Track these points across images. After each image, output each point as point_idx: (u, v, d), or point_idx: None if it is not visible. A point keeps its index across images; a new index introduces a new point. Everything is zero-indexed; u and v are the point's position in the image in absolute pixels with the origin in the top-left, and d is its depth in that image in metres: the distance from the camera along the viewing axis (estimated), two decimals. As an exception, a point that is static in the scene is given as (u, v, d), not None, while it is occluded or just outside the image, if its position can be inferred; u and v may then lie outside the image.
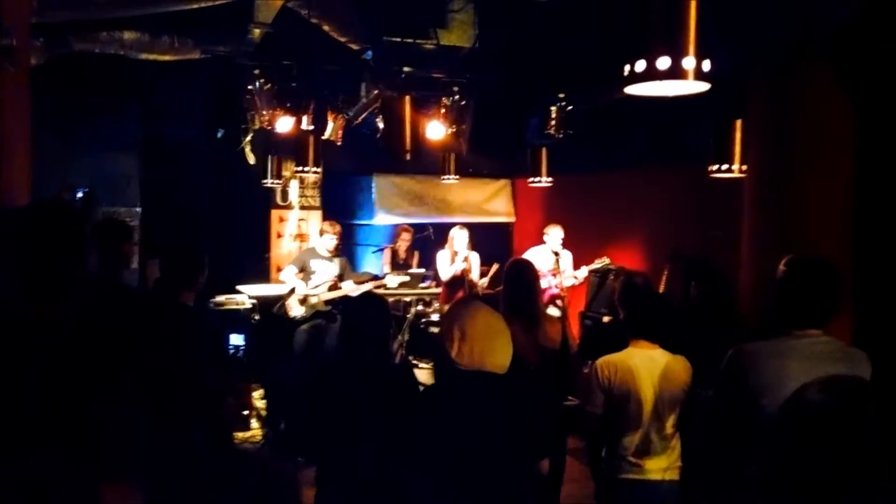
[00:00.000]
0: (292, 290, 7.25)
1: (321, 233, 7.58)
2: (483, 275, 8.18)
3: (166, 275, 3.51)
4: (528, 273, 4.27)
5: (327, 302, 7.24)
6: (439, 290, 8.07)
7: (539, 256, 7.65)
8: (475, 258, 8.02)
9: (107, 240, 3.57)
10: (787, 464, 1.43)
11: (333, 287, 7.29)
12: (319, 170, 7.90)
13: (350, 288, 7.35)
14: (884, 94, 4.44)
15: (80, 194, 7.60)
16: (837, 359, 2.68)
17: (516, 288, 4.19)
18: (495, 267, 8.12)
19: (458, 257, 7.79)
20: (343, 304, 7.18)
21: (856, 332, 4.29)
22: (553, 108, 6.89)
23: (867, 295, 4.38)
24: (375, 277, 8.12)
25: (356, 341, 3.27)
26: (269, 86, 7.08)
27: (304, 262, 7.35)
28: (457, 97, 7.11)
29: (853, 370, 2.65)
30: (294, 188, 9.76)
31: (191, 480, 3.04)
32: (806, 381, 1.73)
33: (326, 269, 7.32)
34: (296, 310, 7.21)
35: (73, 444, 1.70)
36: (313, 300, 7.22)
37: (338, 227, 7.50)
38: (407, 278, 8.03)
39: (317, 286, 7.25)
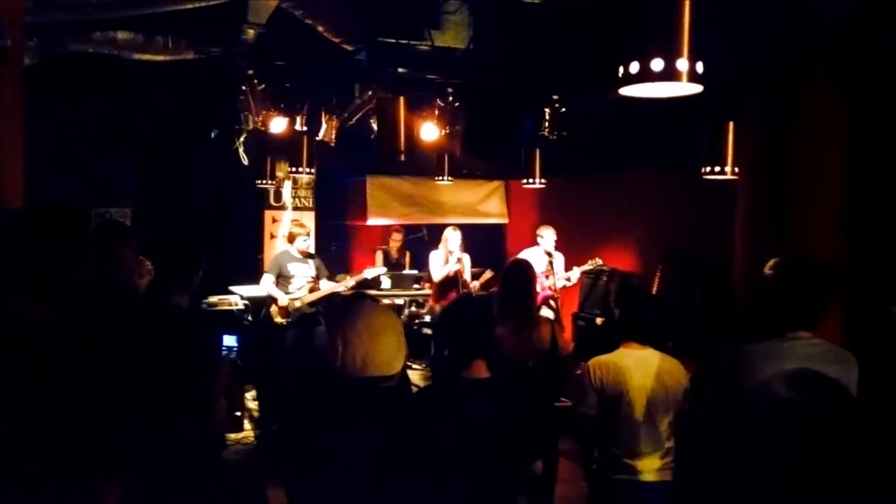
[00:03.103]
0: (272, 299, 7.17)
1: (291, 236, 7.39)
2: (475, 276, 8.19)
3: (160, 275, 3.50)
4: (525, 274, 4.27)
5: (310, 304, 7.20)
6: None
7: (532, 258, 7.66)
8: (466, 259, 8.03)
9: (103, 241, 3.56)
10: (765, 462, 1.43)
11: (313, 288, 7.25)
12: (313, 171, 7.90)
13: (329, 286, 7.31)
14: (877, 94, 4.47)
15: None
16: (830, 360, 2.70)
17: (513, 289, 4.20)
18: (487, 274, 8.16)
19: (451, 258, 7.79)
20: (329, 306, 7.17)
21: (847, 331, 4.32)
22: (546, 110, 6.91)
23: (860, 295, 4.41)
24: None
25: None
26: (262, 86, 7.07)
27: (280, 266, 7.22)
28: (451, 98, 7.12)
29: (844, 371, 2.68)
30: (287, 189, 9.75)
31: (185, 481, 3.03)
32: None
33: (303, 271, 7.25)
34: (280, 317, 7.18)
35: (69, 444, 1.70)
36: (297, 304, 7.17)
37: (307, 227, 7.46)
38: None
39: (298, 289, 7.20)
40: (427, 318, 8.19)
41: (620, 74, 2.58)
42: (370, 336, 2.62)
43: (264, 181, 8.80)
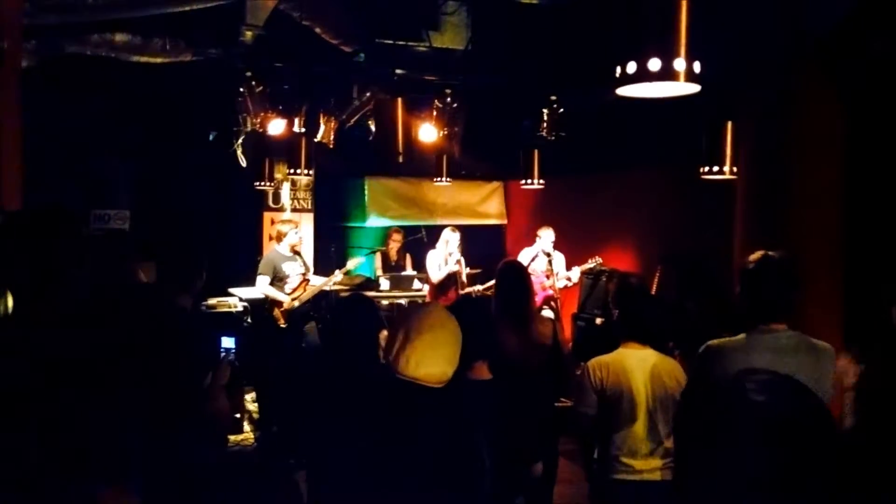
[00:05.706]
0: (274, 302, 7.15)
1: (279, 235, 7.30)
2: (471, 276, 8.17)
3: (164, 276, 3.49)
4: (519, 274, 4.27)
5: (304, 302, 7.21)
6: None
7: (530, 258, 7.67)
8: (462, 261, 8.00)
9: (104, 244, 3.57)
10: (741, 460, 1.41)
11: (304, 285, 7.25)
12: (311, 172, 7.90)
13: (320, 281, 7.31)
14: (874, 94, 4.48)
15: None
16: (801, 352, 2.75)
17: (509, 289, 4.19)
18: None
19: (450, 259, 7.78)
20: (331, 306, 7.17)
21: (846, 328, 4.33)
22: (545, 111, 6.92)
23: (857, 292, 4.42)
24: (369, 280, 8.10)
25: (343, 343, 3.25)
26: (260, 88, 7.07)
27: (274, 268, 7.17)
28: (449, 99, 7.12)
29: (817, 363, 2.71)
30: (286, 190, 9.75)
31: (186, 483, 3.03)
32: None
33: (296, 269, 7.24)
34: (284, 321, 7.17)
35: (68, 446, 1.70)
36: (296, 304, 7.16)
37: (295, 221, 7.45)
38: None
39: (294, 288, 7.19)
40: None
41: (618, 74, 2.58)
42: (431, 342, 2.56)
43: (263, 183, 8.79)
